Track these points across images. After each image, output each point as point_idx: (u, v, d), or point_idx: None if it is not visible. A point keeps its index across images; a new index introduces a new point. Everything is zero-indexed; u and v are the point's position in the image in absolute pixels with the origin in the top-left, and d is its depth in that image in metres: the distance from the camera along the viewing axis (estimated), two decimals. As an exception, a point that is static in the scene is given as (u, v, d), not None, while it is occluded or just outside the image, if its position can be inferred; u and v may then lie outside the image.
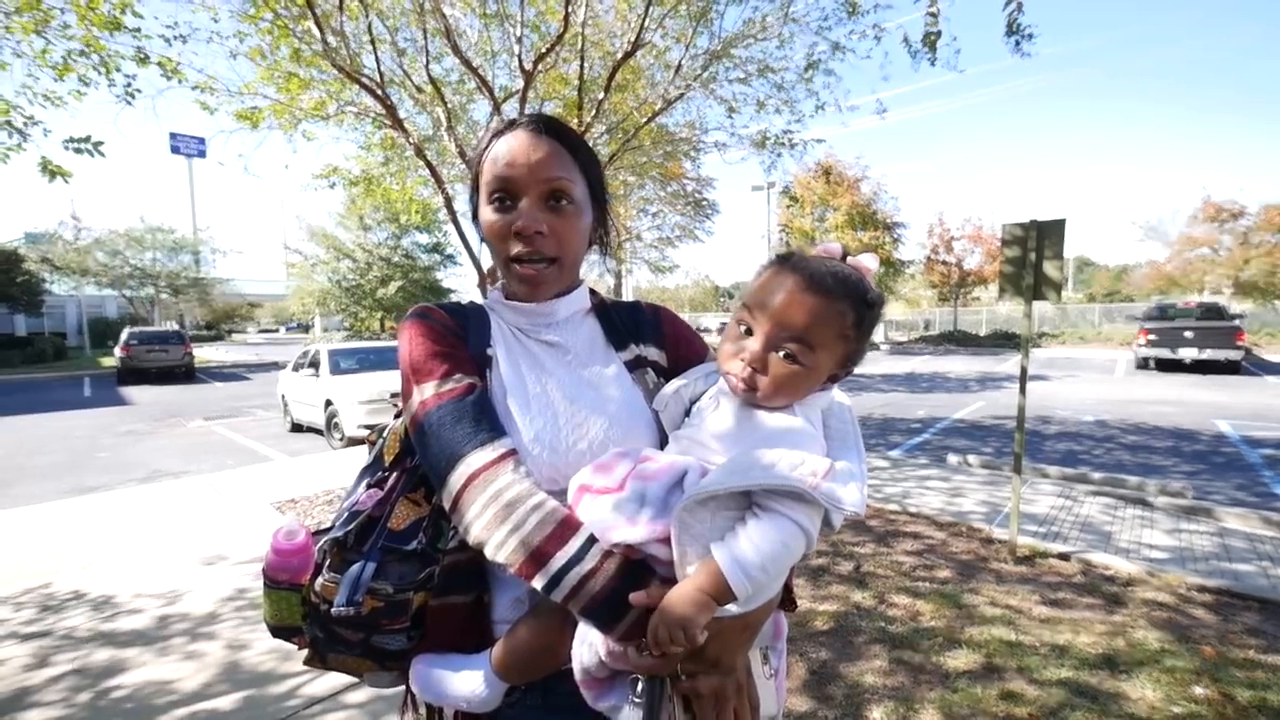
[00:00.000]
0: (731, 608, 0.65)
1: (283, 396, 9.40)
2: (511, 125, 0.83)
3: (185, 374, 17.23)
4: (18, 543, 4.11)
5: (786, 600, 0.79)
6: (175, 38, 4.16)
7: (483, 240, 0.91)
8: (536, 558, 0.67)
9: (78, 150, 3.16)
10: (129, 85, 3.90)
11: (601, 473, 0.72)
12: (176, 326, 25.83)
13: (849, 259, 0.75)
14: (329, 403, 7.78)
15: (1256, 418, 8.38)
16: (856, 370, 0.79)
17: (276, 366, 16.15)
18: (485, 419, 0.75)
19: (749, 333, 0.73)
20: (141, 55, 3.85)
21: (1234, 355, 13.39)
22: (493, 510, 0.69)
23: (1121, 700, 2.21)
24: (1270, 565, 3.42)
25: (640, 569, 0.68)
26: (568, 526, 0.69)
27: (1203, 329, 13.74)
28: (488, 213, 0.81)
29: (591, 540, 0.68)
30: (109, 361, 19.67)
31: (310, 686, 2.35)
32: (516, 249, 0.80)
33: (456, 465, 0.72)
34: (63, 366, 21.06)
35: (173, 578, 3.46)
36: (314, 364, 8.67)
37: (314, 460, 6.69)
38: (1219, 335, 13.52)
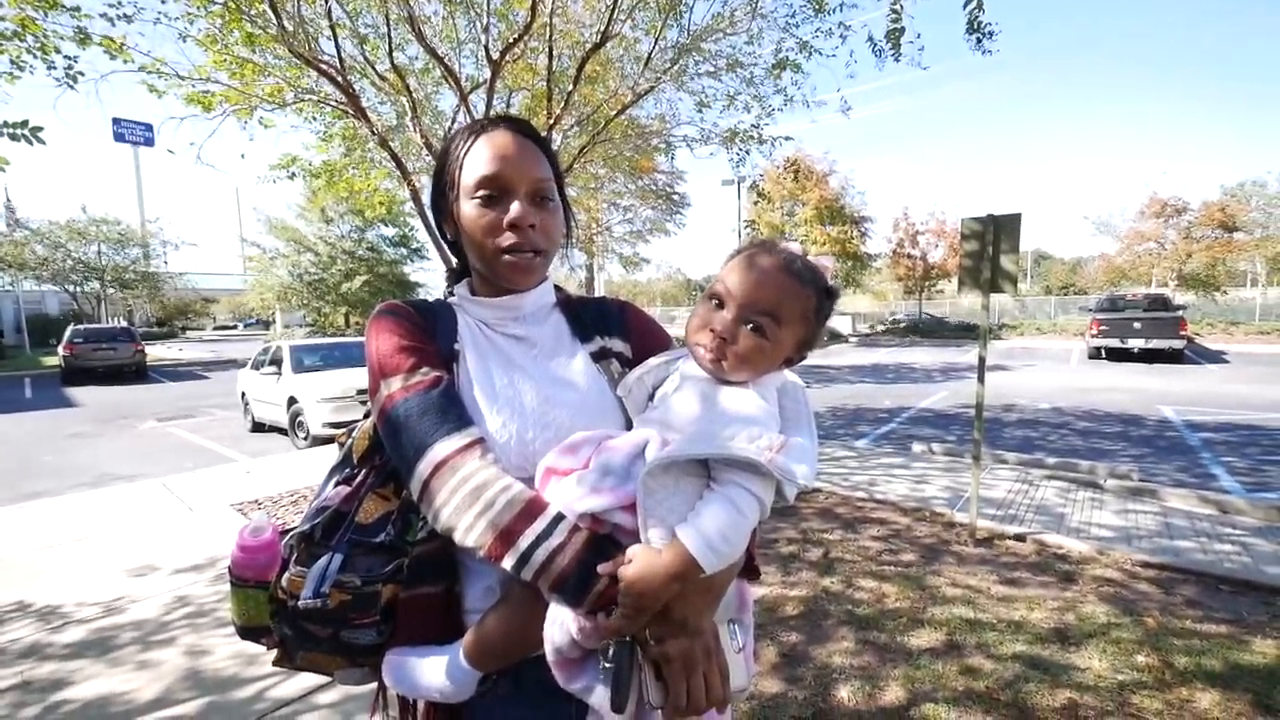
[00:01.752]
0: None
1: (243, 395, 9.09)
2: (490, 124, 0.85)
3: (136, 373, 16.45)
4: (-45, 552, 3.89)
5: (750, 569, 0.81)
6: (119, 17, 3.94)
7: (447, 238, 0.91)
8: (505, 537, 0.68)
9: (13, 137, 2.97)
10: (70, 68, 3.68)
11: (567, 454, 0.74)
12: (125, 323, 24.62)
13: (809, 258, 0.81)
14: (292, 401, 7.56)
15: (1197, 403, 8.88)
16: (823, 362, 0.83)
17: (235, 364, 15.58)
18: (452, 410, 0.76)
19: (720, 306, 0.78)
20: (82, 35, 3.64)
21: (1177, 344, 14.14)
22: (460, 495, 0.70)
23: (1071, 671, 2.33)
24: (1208, 541, 3.64)
25: (606, 543, 0.69)
26: (535, 506, 0.70)
27: (1149, 320, 14.46)
28: (472, 208, 0.82)
29: (559, 517, 0.69)
30: (52, 361, 18.65)
31: (278, 689, 2.30)
32: (509, 241, 0.81)
33: (424, 455, 0.72)
34: (0, 366, 19.91)
35: (126, 584, 3.32)
36: (276, 361, 8.40)
37: (277, 460, 6.50)
38: (1164, 325, 14.24)
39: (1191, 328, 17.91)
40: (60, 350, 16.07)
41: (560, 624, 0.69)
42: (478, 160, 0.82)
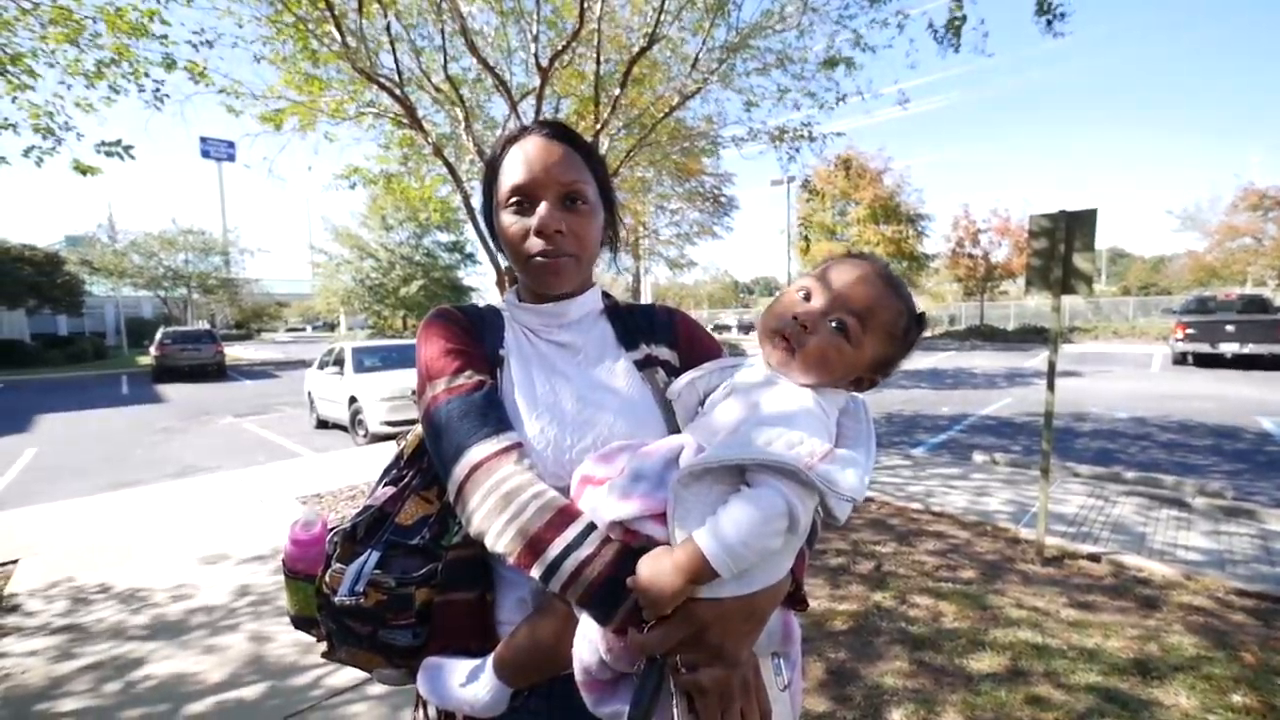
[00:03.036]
0: (723, 589, 0.62)
1: (309, 394, 9.61)
2: (524, 132, 0.86)
3: (217, 372, 17.75)
4: (60, 535, 4.28)
5: (797, 599, 0.76)
6: (202, 43, 4.26)
7: (499, 248, 0.92)
8: (534, 545, 0.67)
9: (108, 154, 3.27)
10: (157, 90, 4.01)
11: (603, 463, 0.72)
12: (208, 326, 26.56)
13: None
14: (353, 400, 7.94)
15: (1303, 415, 8.02)
16: None
17: (303, 364, 16.52)
18: (492, 414, 0.76)
19: (808, 299, 0.75)
20: (169, 61, 3.95)
21: (1279, 350, 12.83)
22: (493, 500, 0.69)
23: (1154, 707, 2.13)
24: (1317, 569, 3.27)
25: (638, 556, 0.66)
26: (567, 515, 0.69)
27: (1245, 323, 13.19)
28: (506, 217, 0.83)
29: (590, 528, 0.67)
30: (145, 360, 20.35)
31: (332, 678, 2.40)
32: (537, 247, 0.81)
33: (461, 457, 0.73)
34: (102, 365, 21.88)
35: (200, 570, 3.56)
36: (339, 362, 8.84)
37: (339, 456, 6.83)
38: (1262, 329, 12.96)
39: (1296, 331, 16.20)
40: (152, 351, 17.53)
41: (589, 642, 0.66)
42: (509, 170, 0.83)
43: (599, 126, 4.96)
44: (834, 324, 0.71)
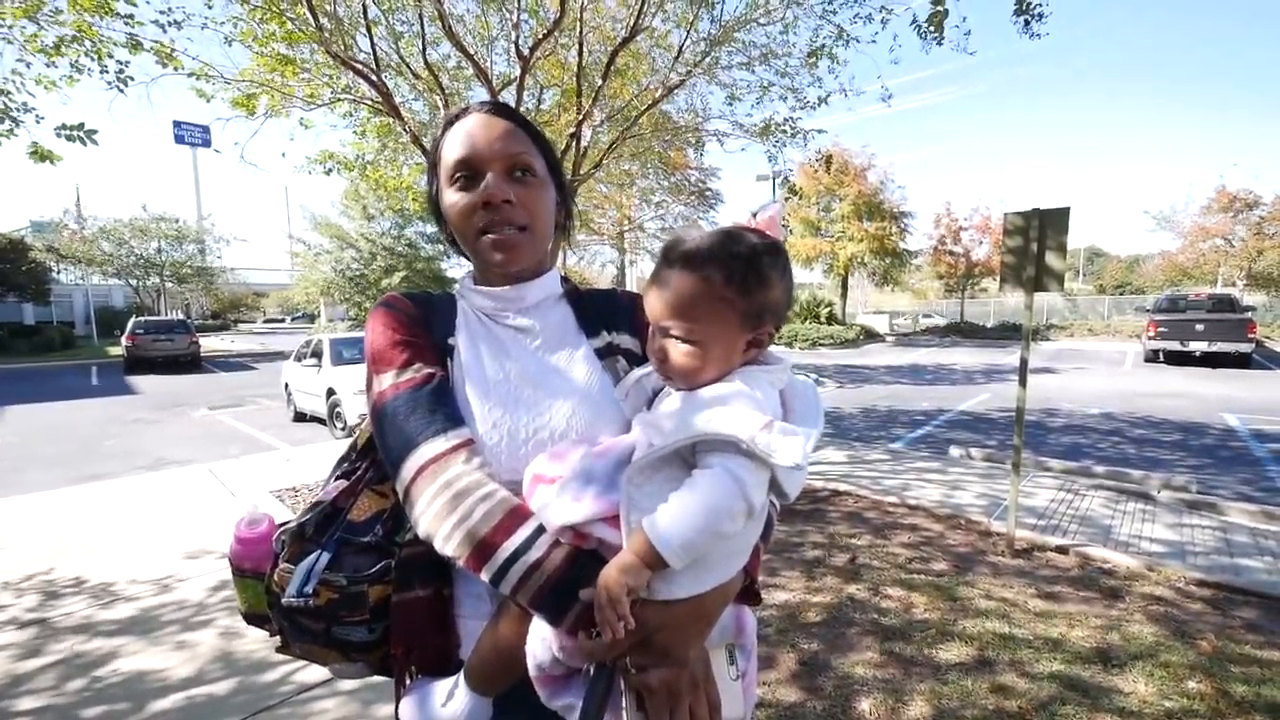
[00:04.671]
0: (676, 587, 0.62)
1: (286, 386, 9.44)
2: (464, 112, 0.83)
3: (191, 363, 17.34)
4: (25, 529, 4.16)
5: (750, 594, 0.76)
6: (170, 23, 4.11)
7: (447, 234, 0.88)
8: (482, 549, 0.65)
9: (69, 138, 3.15)
10: (121, 72, 3.87)
11: (556, 460, 0.71)
12: (182, 316, 25.96)
13: (754, 216, 0.74)
14: (331, 392, 7.81)
15: (1266, 411, 8.29)
16: (858, 362, 0.78)
17: (281, 356, 16.21)
18: (441, 409, 0.73)
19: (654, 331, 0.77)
20: (134, 41, 3.82)
21: (1245, 348, 13.24)
22: (441, 501, 0.68)
23: (1113, 694, 2.19)
24: (1273, 560, 3.38)
25: (588, 559, 0.66)
26: (516, 516, 0.67)
27: (1213, 321, 13.59)
28: (451, 195, 0.80)
29: (539, 530, 0.66)
30: (116, 351, 19.79)
31: (303, 674, 2.36)
32: (485, 220, 0.78)
33: (409, 456, 0.71)
34: (70, 355, 21.26)
35: (171, 565, 3.48)
36: (316, 354, 8.69)
37: (316, 449, 6.72)
38: (1230, 328, 13.36)
39: (1262, 330, 16.73)
40: (123, 341, 17.06)
41: (542, 639, 0.66)
42: (451, 146, 0.80)
43: (581, 117, 4.91)
44: (674, 341, 0.70)
